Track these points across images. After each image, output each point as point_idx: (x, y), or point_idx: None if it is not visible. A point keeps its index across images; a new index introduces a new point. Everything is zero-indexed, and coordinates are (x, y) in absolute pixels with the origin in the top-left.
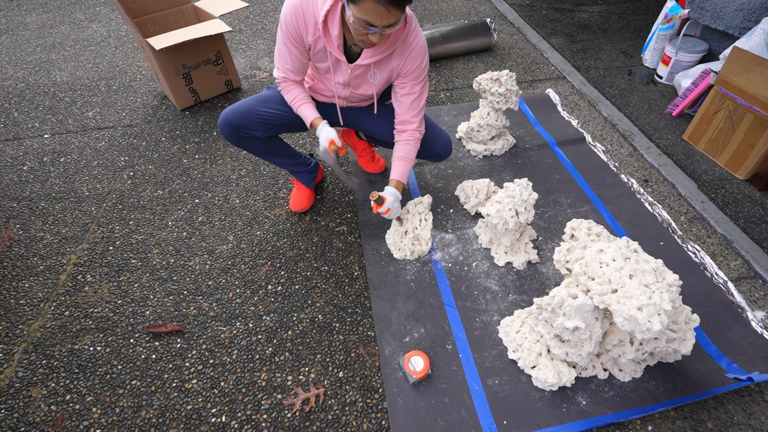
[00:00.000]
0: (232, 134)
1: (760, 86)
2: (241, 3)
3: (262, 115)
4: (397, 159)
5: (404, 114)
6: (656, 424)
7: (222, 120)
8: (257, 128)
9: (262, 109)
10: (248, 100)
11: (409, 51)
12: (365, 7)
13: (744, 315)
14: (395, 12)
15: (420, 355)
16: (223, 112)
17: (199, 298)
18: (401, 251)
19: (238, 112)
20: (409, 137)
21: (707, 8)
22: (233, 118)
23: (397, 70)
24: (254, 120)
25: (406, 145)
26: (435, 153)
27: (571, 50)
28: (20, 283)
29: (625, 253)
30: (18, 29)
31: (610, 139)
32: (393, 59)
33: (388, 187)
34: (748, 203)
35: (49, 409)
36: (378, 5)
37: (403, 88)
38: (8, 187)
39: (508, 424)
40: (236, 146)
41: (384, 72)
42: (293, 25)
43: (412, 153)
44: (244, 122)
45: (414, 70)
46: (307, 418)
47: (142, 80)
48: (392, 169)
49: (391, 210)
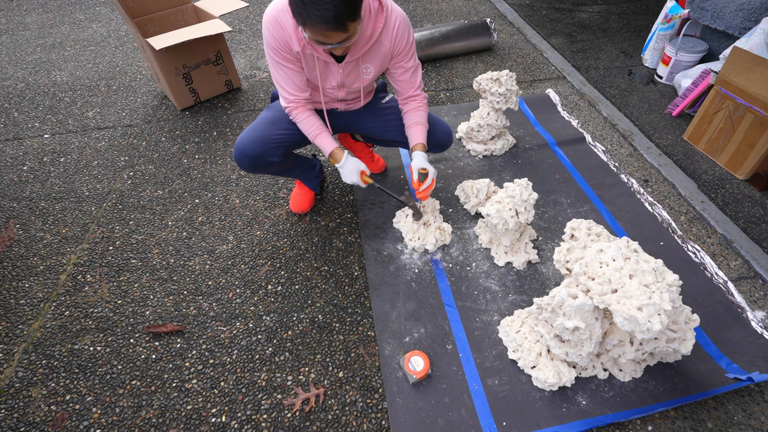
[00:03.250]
0: (251, 165)
1: (760, 86)
2: (241, 3)
3: (276, 140)
4: (414, 125)
5: (407, 90)
6: (656, 424)
7: (239, 152)
8: (274, 153)
9: (276, 133)
10: (258, 125)
11: (394, 31)
12: (313, 29)
13: (744, 315)
14: (341, 32)
15: (420, 355)
16: (238, 144)
17: (199, 298)
18: (421, 240)
19: (253, 142)
20: (419, 104)
21: (707, 8)
22: (250, 149)
23: (390, 53)
24: (270, 146)
25: (417, 111)
26: (437, 143)
27: (571, 50)
28: (20, 283)
29: (625, 253)
30: (18, 29)
31: (610, 139)
32: (382, 45)
33: (417, 153)
34: (748, 203)
35: (49, 409)
36: (326, 28)
37: (398, 69)
38: (8, 187)
39: (508, 424)
40: (253, 173)
41: (376, 61)
42: (279, 38)
43: (425, 118)
44: (261, 151)
45: (405, 47)
46: (307, 418)
47: (142, 80)
48: (413, 135)
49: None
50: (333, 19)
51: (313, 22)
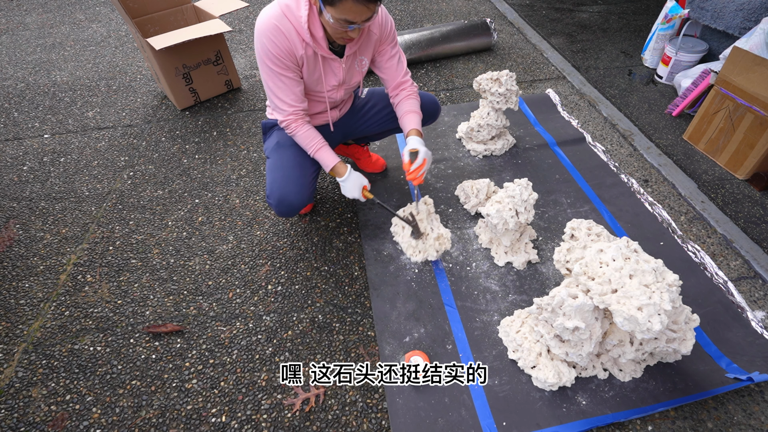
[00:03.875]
0: (297, 211)
1: (760, 86)
2: (241, 3)
3: (312, 180)
4: (407, 113)
5: (395, 78)
6: (656, 424)
7: (283, 205)
8: (311, 192)
9: (311, 176)
10: (288, 170)
11: (380, 18)
12: (344, 7)
13: (744, 315)
14: (373, 6)
15: (420, 355)
16: (279, 196)
17: (199, 298)
18: (423, 253)
19: (295, 192)
20: (409, 92)
21: (707, 8)
22: (296, 199)
23: (378, 42)
24: (311, 190)
25: (409, 99)
26: (427, 113)
27: (571, 50)
28: (20, 283)
29: (625, 253)
30: (18, 29)
31: (610, 139)
32: (372, 33)
33: (411, 138)
34: (748, 203)
35: (49, 409)
36: (358, 4)
37: (384, 56)
38: (8, 187)
39: (508, 424)
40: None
41: (368, 52)
42: (281, 45)
43: (417, 106)
44: (306, 197)
45: (389, 31)
46: (307, 418)
47: (142, 80)
48: (406, 123)
49: (426, 161)
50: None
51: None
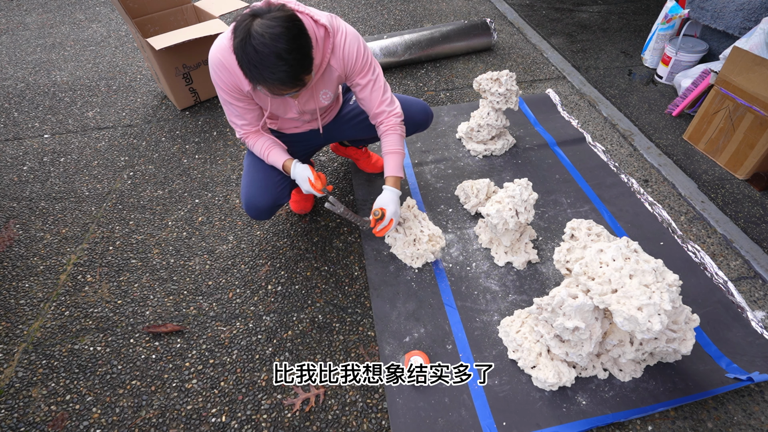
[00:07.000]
0: (268, 214)
1: (760, 86)
2: (241, 3)
3: (279, 181)
4: (386, 154)
5: (373, 108)
6: (656, 424)
7: (252, 209)
8: (283, 195)
9: (271, 176)
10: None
11: (343, 52)
12: (267, 88)
13: (744, 315)
14: (293, 84)
15: (420, 355)
16: (247, 200)
17: (199, 298)
18: (420, 258)
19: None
20: (387, 127)
21: (707, 8)
22: (261, 202)
23: (343, 75)
24: (278, 191)
25: (388, 136)
26: (416, 123)
27: (571, 50)
28: (20, 283)
29: (625, 253)
30: (18, 29)
31: (610, 139)
32: (333, 70)
33: (386, 189)
34: (748, 203)
35: (49, 409)
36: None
37: (356, 86)
38: (8, 187)
39: (508, 424)
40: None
41: (331, 85)
42: (227, 80)
43: (398, 142)
44: (272, 199)
45: (356, 64)
46: (307, 418)
47: (142, 80)
48: (384, 165)
49: (393, 221)
50: (289, 79)
51: (270, 84)
